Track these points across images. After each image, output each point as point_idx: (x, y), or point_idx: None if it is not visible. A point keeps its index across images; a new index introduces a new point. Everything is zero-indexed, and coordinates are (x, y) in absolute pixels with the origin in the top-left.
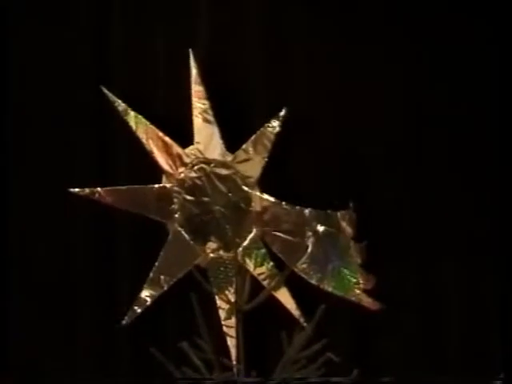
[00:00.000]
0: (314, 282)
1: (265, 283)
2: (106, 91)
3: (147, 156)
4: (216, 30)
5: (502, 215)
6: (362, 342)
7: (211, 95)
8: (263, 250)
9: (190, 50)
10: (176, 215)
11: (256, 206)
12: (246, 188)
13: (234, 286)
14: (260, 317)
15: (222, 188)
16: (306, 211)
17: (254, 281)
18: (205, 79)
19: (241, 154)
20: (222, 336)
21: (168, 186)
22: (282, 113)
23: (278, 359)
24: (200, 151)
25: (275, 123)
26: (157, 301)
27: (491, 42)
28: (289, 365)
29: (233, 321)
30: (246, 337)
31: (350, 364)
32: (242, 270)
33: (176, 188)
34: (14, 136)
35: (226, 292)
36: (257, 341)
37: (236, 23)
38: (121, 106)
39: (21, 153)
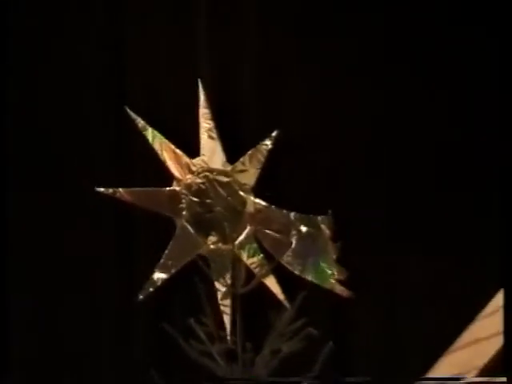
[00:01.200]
0: (296, 272)
1: (256, 271)
2: (128, 110)
3: (161, 164)
4: (219, 63)
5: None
6: (336, 321)
7: (215, 117)
8: (255, 244)
9: (199, 79)
10: (183, 213)
11: (250, 208)
12: (242, 193)
13: (230, 272)
14: (252, 299)
15: (222, 192)
16: (292, 214)
17: (248, 269)
18: (210, 103)
19: (238, 165)
20: (220, 314)
21: (177, 189)
22: (274, 133)
23: (267, 333)
24: (205, 162)
25: (268, 142)
26: (167, 284)
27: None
28: (276, 338)
29: (228, 301)
30: (241, 315)
31: (327, 337)
32: (237, 260)
33: (184, 191)
34: (32, 147)
35: (224, 277)
36: (250, 318)
37: (236, 56)
38: (140, 122)
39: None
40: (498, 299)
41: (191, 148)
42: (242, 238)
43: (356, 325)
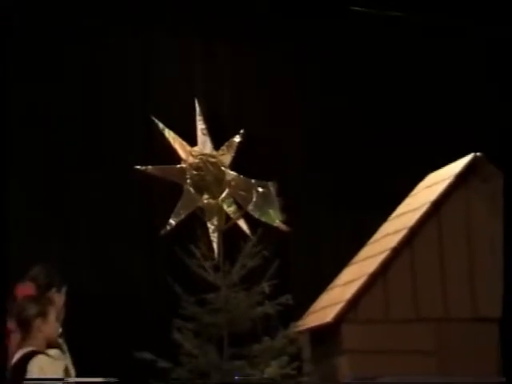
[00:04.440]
0: (256, 216)
1: (232, 216)
2: (153, 117)
3: (173, 151)
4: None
5: None
6: (280, 246)
7: (206, 121)
8: (231, 200)
9: (195, 98)
10: (187, 181)
11: (228, 178)
12: (223, 168)
13: (216, 217)
14: (230, 233)
15: (211, 168)
16: (252, 180)
17: (227, 215)
18: (202, 113)
19: (221, 151)
20: (210, 242)
21: (184, 166)
22: (241, 131)
23: (239, 254)
24: (200, 149)
25: (238, 137)
26: (178, 226)
27: None
28: (245, 257)
29: (215, 234)
30: (223, 243)
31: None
32: (220, 209)
33: (188, 167)
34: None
35: (212, 220)
36: (228, 245)
37: (218, 85)
38: (160, 125)
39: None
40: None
41: (192, 141)
42: (223, 195)
43: (292, 250)
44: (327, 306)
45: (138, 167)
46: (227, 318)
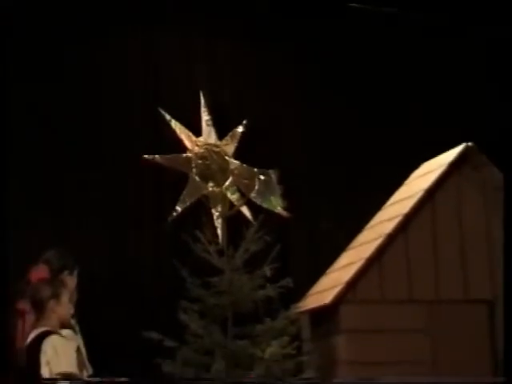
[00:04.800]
0: (258, 202)
1: (235, 203)
2: (160, 110)
3: (179, 141)
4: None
5: None
6: (281, 231)
7: (211, 113)
8: (234, 187)
9: (201, 92)
10: (193, 170)
11: (231, 167)
12: (226, 157)
13: (220, 204)
14: (233, 219)
15: (215, 157)
16: (255, 169)
17: (230, 202)
18: (207, 106)
19: (224, 142)
20: (215, 228)
21: (189, 155)
22: (244, 122)
23: (242, 239)
24: (205, 139)
25: (241, 128)
26: (185, 213)
27: None
28: (247, 242)
29: (220, 220)
30: (226, 229)
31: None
32: (224, 197)
33: (193, 156)
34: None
35: (217, 207)
36: (232, 231)
37: (221, 78)
38: (167, 117)
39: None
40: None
41: (197, 131)
42: (227, 184)
43: (292, 235)
44: (326, 289)
45: (146, 156)
46: (231, 299)
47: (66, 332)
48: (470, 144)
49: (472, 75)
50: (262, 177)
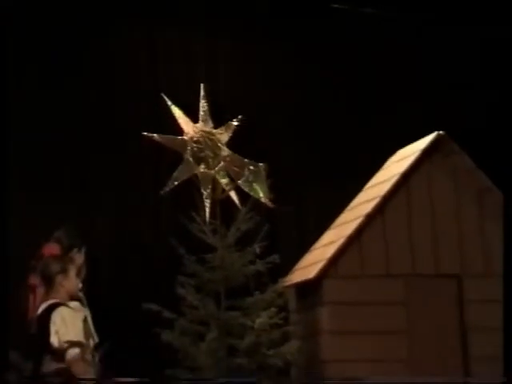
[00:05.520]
0: (246, 190)
1: (225, 187)
2: (163, 95)
3: (178, 126)
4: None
5: None
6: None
7: (208, 104)
8: (225, 172)
9: (202, 84)
10: (187, 151)
11: (223, 153)
12: (219, 144)
13: (211, 186)
14: (224, 202)
15: (210, 143)
16: (245, 159)
17: (221, 186)
18: (206, 97)
19: (219, 130)
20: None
21: (186, 138)
22: (239, 117)
23: (234, 219)
24: (201, 126)
25: (235, 121)
26: (182, 196)
27: None
28: (238, 222)
29: (208, 201)
30: (218, 210)
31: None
32: (215, 180)
33: (189, 140)
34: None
35: (207, 188)
36: (223, 212)
37: (217, 74)
38: (168, 102)
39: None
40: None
41: (195, 118)
42: (218, 168)
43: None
44: (310, 264)
45: (145, 134)
46: (223, 274)
47: (73, 304)
48: (441, 132)
49: (448, 71)
50: (251, 167)
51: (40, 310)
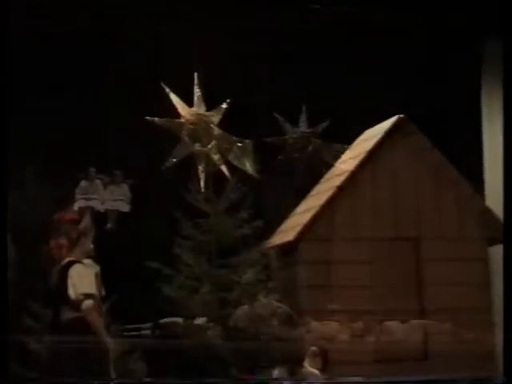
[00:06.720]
0: (234, 163)
1: (217, 162)
2: (162, 84)
3: (175, 110)
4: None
5: None
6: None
7: (202, 89)
8: (216, 149)
9: (196, 73)
10: (184, 132)
11: (215, 132)
12: (211, 125)
13: (204, 161)
14: (215, 174)
15: (203, 124)
16: (233, 137)
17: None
18: (200, 84)
19: (211, 113)
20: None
21: (182, 121)
22: (228, 101)
23: (224, 190)
24: (196, 110)
25: (225, 104)
26: (179, 169)
27: None
28: (228, 191)
29: (203, 174)
30: (211, 181)
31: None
32: (208, 156)
33: (185, 122)
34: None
35: (202, 163)
36: (214, 184)
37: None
38: (167, 90)
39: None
40: None
41: (190, 103)
42: (210, 145)
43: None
44: (290, 229)
45: (148, 118)
46: (215, 237)
47: (87, 261)
48: (401, 116)
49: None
50: (239, 144)
51: (59, 266)
